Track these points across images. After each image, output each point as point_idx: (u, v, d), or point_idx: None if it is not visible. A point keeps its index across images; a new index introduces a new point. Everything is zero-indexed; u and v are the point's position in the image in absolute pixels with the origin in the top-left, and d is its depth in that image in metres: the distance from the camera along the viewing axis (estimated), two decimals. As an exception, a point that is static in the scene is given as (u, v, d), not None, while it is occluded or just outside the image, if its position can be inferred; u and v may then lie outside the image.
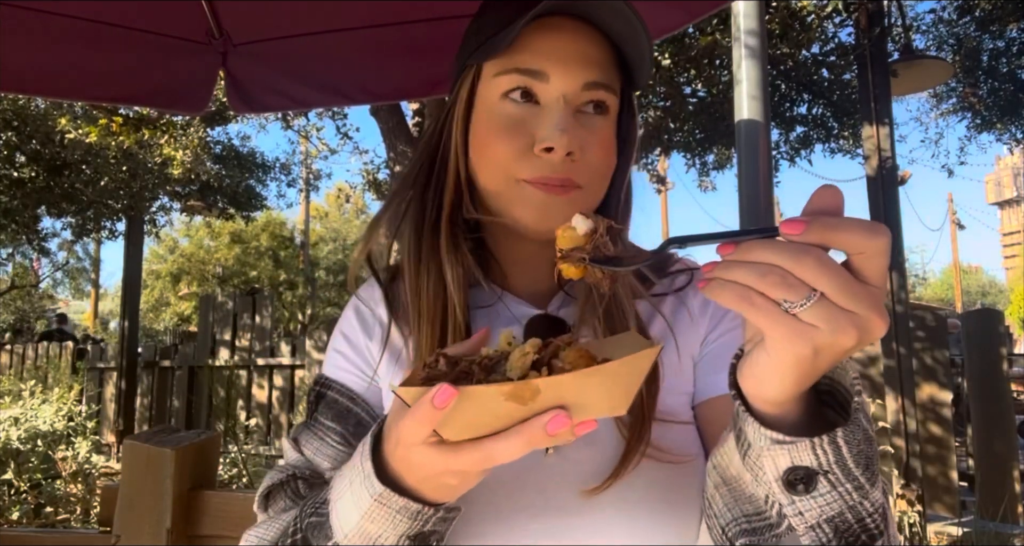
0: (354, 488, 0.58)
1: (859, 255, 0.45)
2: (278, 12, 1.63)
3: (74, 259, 23.78)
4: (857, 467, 0.49)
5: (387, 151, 6.22)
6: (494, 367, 0.51)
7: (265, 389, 7.24)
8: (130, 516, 1.36)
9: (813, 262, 0.44)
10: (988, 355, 4.60)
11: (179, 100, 1.77)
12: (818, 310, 0.44)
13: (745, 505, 0.56)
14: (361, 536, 0.58)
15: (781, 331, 0.45)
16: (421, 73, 1.73)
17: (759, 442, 0.51)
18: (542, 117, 0.71)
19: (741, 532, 0.55)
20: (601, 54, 0.73)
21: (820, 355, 0.45)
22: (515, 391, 0.46)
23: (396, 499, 0.55)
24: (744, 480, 0.55)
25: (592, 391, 0.48)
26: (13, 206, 8.22)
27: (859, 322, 0.44)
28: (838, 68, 6.59)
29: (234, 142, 10.86)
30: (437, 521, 0.57)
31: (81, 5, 1.54)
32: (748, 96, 3.32)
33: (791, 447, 0.49)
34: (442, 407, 0.47)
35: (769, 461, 0.51)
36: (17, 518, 3.73)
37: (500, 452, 0.49)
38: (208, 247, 21.53)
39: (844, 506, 0.50)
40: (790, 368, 0.47)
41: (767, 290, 0.45)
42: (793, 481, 0.50)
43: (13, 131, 7.50)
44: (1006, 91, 7.52)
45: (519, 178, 0.71)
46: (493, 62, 0.73)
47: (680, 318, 0.79)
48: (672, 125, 7.19)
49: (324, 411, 0.79)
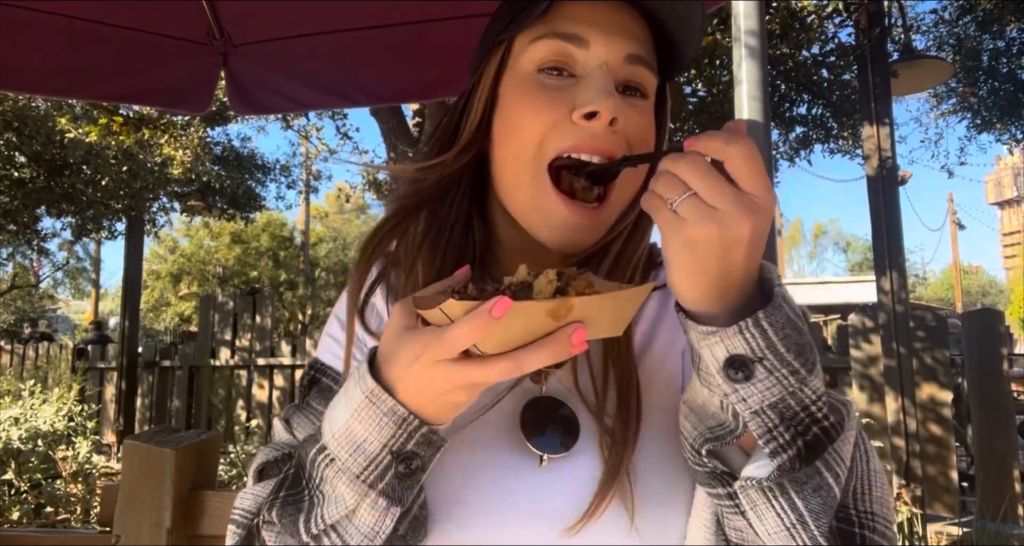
0: (348, 391, 0.59)
1: (727, 161, 0.52)
2: (279, 13, 1.64)
3: (74, 259, 23.79)
4: (788, 352, 0.54)
5: (387, 151, 6.22)
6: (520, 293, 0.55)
7: (265, 389, 7.24)
8: (130, 516, 1.37)
9: (687, 163, 0.53)
10: (988, 355, 4.60)
11: (181, 99, 1.78)
12: (687, 205, 0.52)
13: (709, 420, 0.60)
14: (347, 436, 0.57)
15: (660, 222, 0.54)
16: (422, 75, 1.73)
17: (698, 343, 0.56)
18: (582, 84, 0.66)
19: (705, 441, 0.59)
20: (641, 32, 0.70)
21: (696, 247, 0.52)
22: (555, 308, 0.53)
23: (386, 398, 0.56)
24: (707, 402, 0.59)
25: (605, 312, 0.55)
26: (13, 206, 8.22)
27: (720, 216, 0.51)
28: (838, 68, 6.59)
29: (234, 143, 10.88)
30: (420, 439, 0.57)
31: (81, 5, 1.54)
32: (748, 97, 3.33)
33: (721, 334, 0.54)
34: (499, 315, 0.50)
35: (708, 354, 0.55)
36: (17, 518, 3.74)
37: (531, 361, 0.53)
38: (208, 247, 21.54)
39: (784, 392, 0.54)
40: (683, 258, 0.53)
41: (656, 188, 0.54)
42: (733, 372, 0.54)
43: (13, 132, 7.50)
44: (1006, 91, 7.52)
45: (549, 157, 0.67)
46: (527, 32, 0.69)
47: (668, 311, 0.78)
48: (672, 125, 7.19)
49: (316, 396, 0.77)
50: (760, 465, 0.56)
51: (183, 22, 1.63)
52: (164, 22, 1.64)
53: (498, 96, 0.72)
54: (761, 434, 0.54)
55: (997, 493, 4.32)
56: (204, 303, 7.99)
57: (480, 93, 0.73)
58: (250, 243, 20.64)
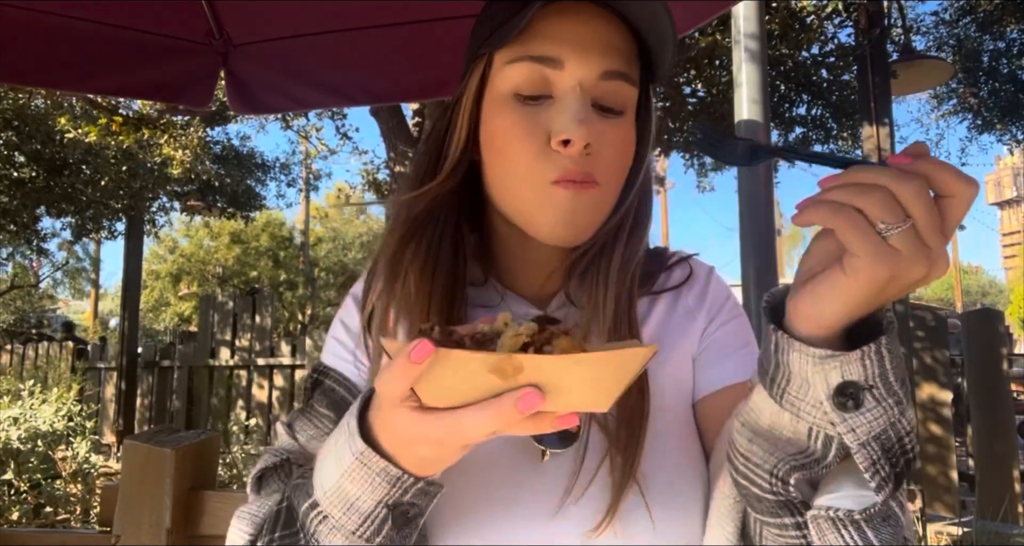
0: (338, 447, 0.57)
1: (950, 198, 0.47)
2: (279, 12, 1.63)
3: (74, 259, 23.78)
4: (896, 381, 0.51)
5: (387, 151, 6.22)
6: (486, 343, 0.50)
7: (265, 389, 7.24)
8: (130, 516, 1.37)
9: (917, 188, 0.46)
10: (988, 355, 4.60)
11: (181, 94, 1.77)
12: (906, 237, 0.46)
13: (787, 447, 0.55)
14: (339, 495, 0.56)
15: (869, 250, 0.46)
16: (423, 74, 1.73)
17: (806, 366, 0.51)
18: (556, 109, 0.67)
19: (792, 468, 0.55)
20: (621, 42, 0.69)
21: (892, 283, 0.47)
22: (497, 363, 0.46)
23: (377, 460, 0.54)
24: (781, 425, 0.55)
25: (575, 379, 0.47)
26: (13, 206, 8.21)
27: (932, 258, 0.46)
28: (838, 69, 6.59)
29: (234, 142, 10.88)
30: (417, 492, 0.56)
31: (80, 5, 1.54)
32: (748, 100, 3.33)
33: (842, 360, 0.50)
34: (418, 361, 0.46)
35: (820, 379, 0.51)
36: (17, 518, 3.73)
37: (469, 424, 0.48)
38: (208, 247, 21.52)
39: (887, 422, 0.51)
40: (861, 290, 0.48)
41: (867, 206, 0.46)
42: (843, 399, 0.51)
43: (13, 131, 7.50)
44: (1006, 92, 7.52)
45: (549, 180, 0.67)
46: (504, 51, 0.69)
47: (677, 315, 0.78)
48: (672, 125, 7.19)
49: (320, 398, 0.77)
50: (840, 496, 0.54)
51: (182, 22, 1.63)
52: (163, 22, 1.64)
53: (481, 113, 0.72)
54: (867, 467, 0.51)
55: (997, 493, 4.32)
56: (204, 303, 7.98)
57: (463, 111, 0.73)
58: (250, 243, 20.63)
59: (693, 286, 0.80)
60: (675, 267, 0.81)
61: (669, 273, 0.81)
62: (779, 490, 0.56)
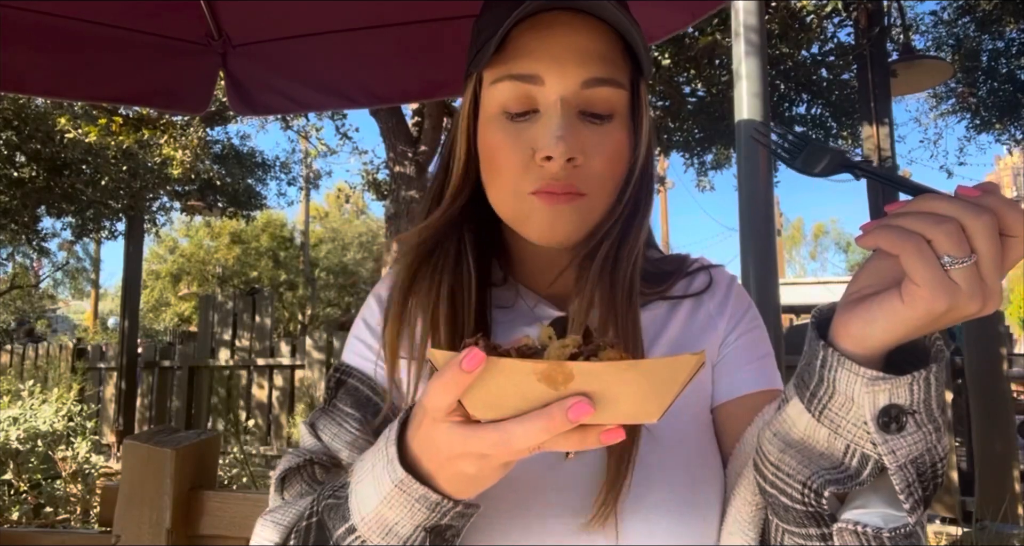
0: (376, 472, 0.58)
1: (1013, 238, 0.47)
2: (278, 13, 1.63)
3: (74, 259, 23.79)
4: (937, 408, 0.52)
5: (387, 151, 6.22)
6: (532, 356, 0.49)
7: (265, 389, 7.24)
8: (130, 516, 1.37)
9: (988, 223, 0.46)
10: (988, 355, 4.60)
11: (179, 100, 1.77)
12: (968, 272, 0.46)
13: (820, 461, 0.56)
14: (378, 521, 0.57)
15: (931, 281, 0.47)
16: (424, 75, 1.73)
17: (854, 385, 0.52)
18: (539, 124, 0.68)
19: (827, 482, 0.55)
20: (603, 47, 0.69)
21: (946, 315, 0.48)
22: (548, 371, 0.45)
23: (417, 487, 0.55)
24: (815, 439, 0.56)
25: (626, 388, 0.46)
26: (13, 206, 8.21)
27: (988, 295, 0.47)
28: (837, 68, 6.59)
29: (234, 141, 10.88)
30: (455, 515, 0.56)
31: (80, 6, 1.54)
32: (748, 93, 3.32)
33: (892, 383, 0.51)
34: (470, 370, 0.46)
35: (868, 399, 0.52)
36: (17, 518, 3.73)
37: (518, 435, 0.48)
38: (208, 247, 21.53)
39: (924, 447, 0.52)
40: (916, 319, 0.49)
41: (936, 237, 0.47)
42: (887, 421, 0.52)
43: (13, 131, 7.50)
44: (1005, 91, 7.52)
45: (527, 192, 0.68)
46: (488, 70, 0.71)
47: (698, 321, 0.78)
48: (671, 125, 7.20)
49: (343, 398, 0.77)
50: (868, 512, 0.55)
51: (181, 22, 1.63)
52: (162, 22, 1.64)
53: (477, 131, 0.74)
54: (902, 489, 0.52)
55: (997, 493, 4.33)
56: (204, 303, 7.99)
57: (462, 133, 0.75)
58: (250, 243, 20.64)
59: (715, 294, 0.80)
60: (696, 274, 0.82)
61: (690, 280, 0.81)
62: (811, 502, 0.56)
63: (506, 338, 0.76)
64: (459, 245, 0.76)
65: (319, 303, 20.97)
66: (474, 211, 0.77)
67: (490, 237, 0.81)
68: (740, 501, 0.66)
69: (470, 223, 0.77)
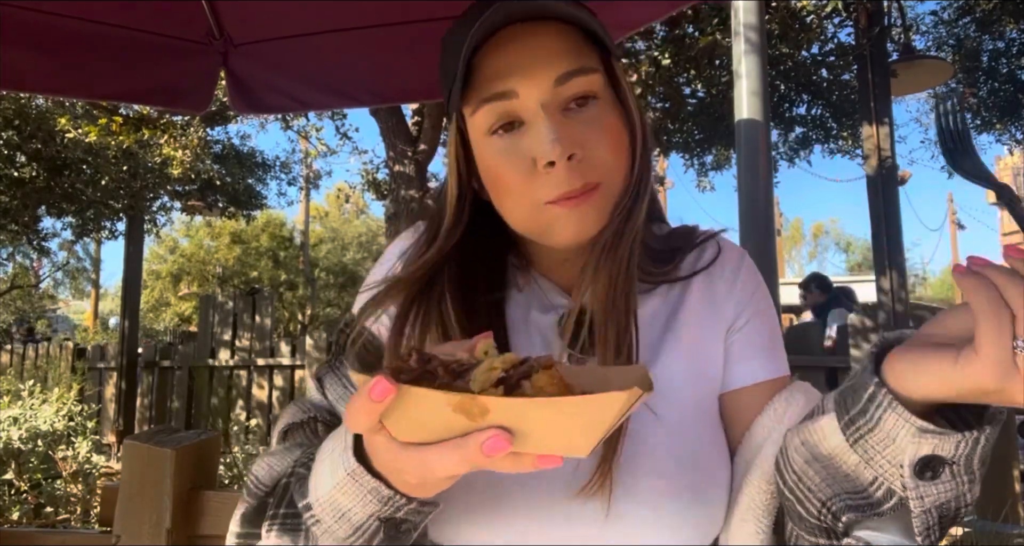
0: (333, 457, 0.58)
1: None
2: (279, 12, 1.63)
3: (74, 259, 23.78)
4: (979, 463, 0.52)
5: (386, 151, 6.22)
6: (462, 373, 0.48)
7: (265, 389, 7.24)
8: (130, 516, 1.37)
9: None
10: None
11: (180, 98, 1.77)
12: None
13: (844, 483, 0.56)
14: (331, 505, 0.57)
15: (992, 358, 0.46)
16: (425, 74, 1.73)
17: (900, 430, 0.52)
18: (530, 135, 0.68)
19: (847, 507, 0.56)
20: (562, 41, 0.69)
21: (994, 394, 0.47)
22: (462, 404, 0.44)
23: (368, 479, 0.55)
24: (843, 460, 0.56)
25: (545, 424, 0.44)
26: (13, 206, 8.21)
27: None
28: (838, 68, 6.59)
29: (234, 141, 10.88)
30: (410, 511, 0.56)
31: (80, 5, 1.54)
32: (748, 92, 3.32)
33: (940, 438, 0.51)
34: (378, 400, 0.46)
35: (911, 447, 0.52)
36: (17, 518, 3.73)
37: (436, 463, 0.48)
38: (208, 247, 21.53)
39: (954, 495, 0.53)
40: (963, 388, 0.48)
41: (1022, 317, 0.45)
42: (923, 469, 0.52)
43: (14, 130, 7.50)
44: (1006, 92, 7.52)
45: (544, 202, 0.68)
46: (465, 104, 0.71)
47: (708, 301, 0.78)
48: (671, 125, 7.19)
49: (351, 359, 0.76)
50: (881, 536, 0.56)
51: (182, 22, 1.63)
52: (163, 22, 1.64)
53: (473, 161, 0.74)
54: (921, 531, 0.53)
55: (997, 493, 4.32)
56: (204, 303, 7.98)
57: (452, 168, 0.75)
58: (250, 243, 20.63)
59: (724, 270, 0.79)
60: (705, 245, 0.81)
61: (699, 253, 0.80)
62: (827, 521, 0.57)
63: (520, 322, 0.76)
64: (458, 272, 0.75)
65: (319, 303, 20.97)
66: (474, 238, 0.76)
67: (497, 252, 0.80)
68: (754, 489, 0.67)
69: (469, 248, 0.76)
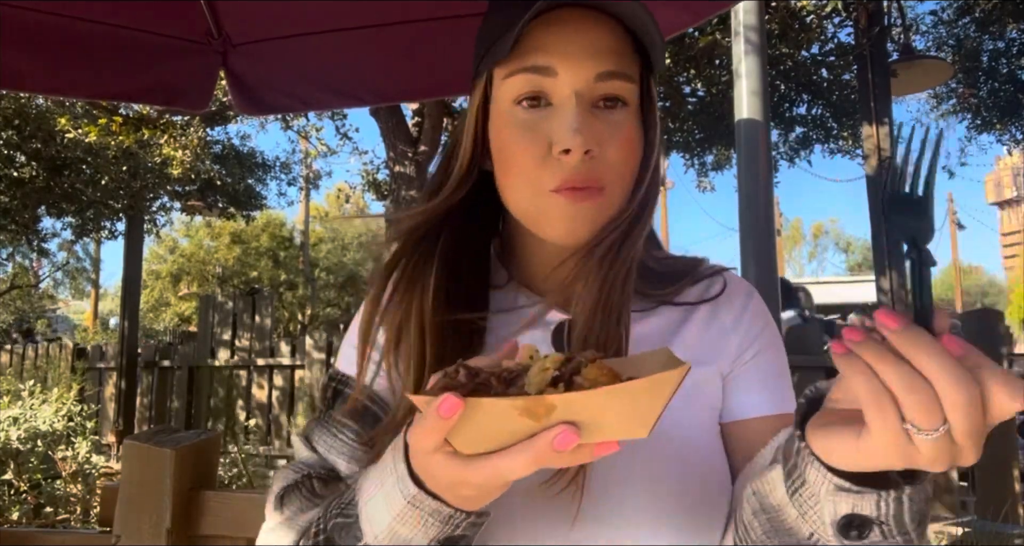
0: (386, 489, 0.58)
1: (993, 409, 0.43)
2: (278, 12, 1.63)
3: (74, 259, 23.79)
4: (911, 522, 0.51)
5: (387, 151, 6.22)
6: (513, 380, 0.49)
7: (265, 389, 7.24)
8: (130, 516, 1.37)
9: (968, 399, 0.41)
10: (988, 355, 4.51)
11: (180, 97, 1.77)
12: (933, 443, 0.43)
13: (785, 537, 0.56)
14: (391, 538, 0.57)
15: (887, 444, 0.44)
16: (426, 73, 1.73)
17: (820, 485, 0.51)
18: (555, 118, 0.68)
19: None
20: (614, 42, 0.70)
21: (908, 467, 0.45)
22: (528, 406, 0.45)
23: (429, 502, 0.55)
24: (786, 513, 0.56)
25: (609, 411, 0.46)
26: (13, 206, 8.21)
27: (957, 454, 0.43)
28: (838, 68, 6.60)
29: (234, 141, 10.88)
30: (468, 526, 0.57)
31: (80, 5, 1.54)
32: (748, 92, 3.32)
33: (856, 496, 0.50)
34: (448, 417, 0.46)
35: (829, 505, 0.51)
36: (17, 518, 3.73)
37: (507, 468, 0.48)
38: (208, 247, 21.54)
39: None
40: (870, 464, 0.46)
41: (907, 404, 0.42)
42: (847, 526, 0.51)
43: (14, 130, 7.50)
44: (1006, 92, 7.52)
45: (547, 189, 0.68)
46: (501, 67, 0.70)
47: (712, 329, 0.77)
48: (671, 125, 7.19)
49: (340, 408, 0.77)
50: None
51: (181, 22, 1.63)
52: (162, 22, 1.64)
53: (488, 127, 0.74)
54: None
55: (997, 493, 4.33)
56: (204, 303, 7.98)
57: (468, 127, 0.75)
58: (250, 243, 20.64)
59: (732, 304, 0.79)
60: (713, 278, 0.81)
61: (707, 285, 0.80)
62: None
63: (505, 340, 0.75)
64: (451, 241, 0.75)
65: (319, 303, 20.97)
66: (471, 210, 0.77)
67: (487, 237, 0.80)
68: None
69: (466, 219, 0.77)
